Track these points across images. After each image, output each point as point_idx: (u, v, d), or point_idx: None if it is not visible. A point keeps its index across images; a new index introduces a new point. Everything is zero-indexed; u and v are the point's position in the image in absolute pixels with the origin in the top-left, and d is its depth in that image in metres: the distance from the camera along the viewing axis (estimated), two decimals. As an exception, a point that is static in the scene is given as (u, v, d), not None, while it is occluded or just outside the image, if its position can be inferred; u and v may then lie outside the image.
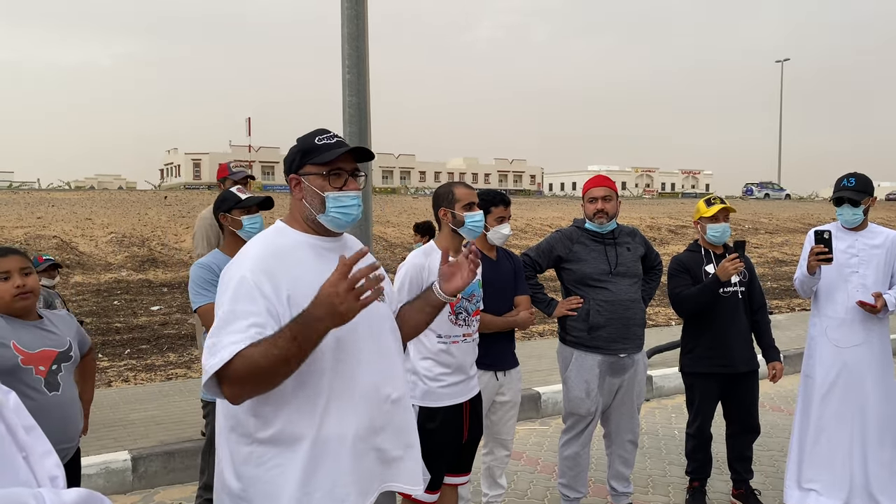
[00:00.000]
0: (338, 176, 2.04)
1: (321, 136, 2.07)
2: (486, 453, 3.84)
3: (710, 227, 4.01)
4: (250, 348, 1.77)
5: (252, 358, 1.75)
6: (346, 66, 6.03)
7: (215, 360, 1.77)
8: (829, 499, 3.99)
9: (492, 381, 3.60)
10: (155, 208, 21.85)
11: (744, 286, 4.05)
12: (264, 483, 1.89)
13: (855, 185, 3.89)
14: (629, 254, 3.84)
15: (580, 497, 3.96)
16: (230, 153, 78.06)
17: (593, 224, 3.81)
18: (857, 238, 3.93)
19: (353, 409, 1.95)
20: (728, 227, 4.02)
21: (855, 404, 3.92)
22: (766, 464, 4.87)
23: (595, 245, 3.80)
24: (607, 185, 3.85)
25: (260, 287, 1.86)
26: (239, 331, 1.80)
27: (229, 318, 1.83)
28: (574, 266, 3.78)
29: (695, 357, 4.07)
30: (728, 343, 3.98)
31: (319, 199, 2.03)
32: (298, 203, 2.07)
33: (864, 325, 3.92)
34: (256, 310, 1.83)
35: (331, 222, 2.04)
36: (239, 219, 3.29)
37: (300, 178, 2.06)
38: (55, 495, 1.06)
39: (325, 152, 2.03)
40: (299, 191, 2.06)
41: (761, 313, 4.17)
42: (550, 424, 5.78)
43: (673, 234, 24.14)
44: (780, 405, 6.25)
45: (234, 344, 1.78)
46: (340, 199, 2.03)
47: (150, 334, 9.15)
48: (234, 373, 1.77)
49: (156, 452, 4.63)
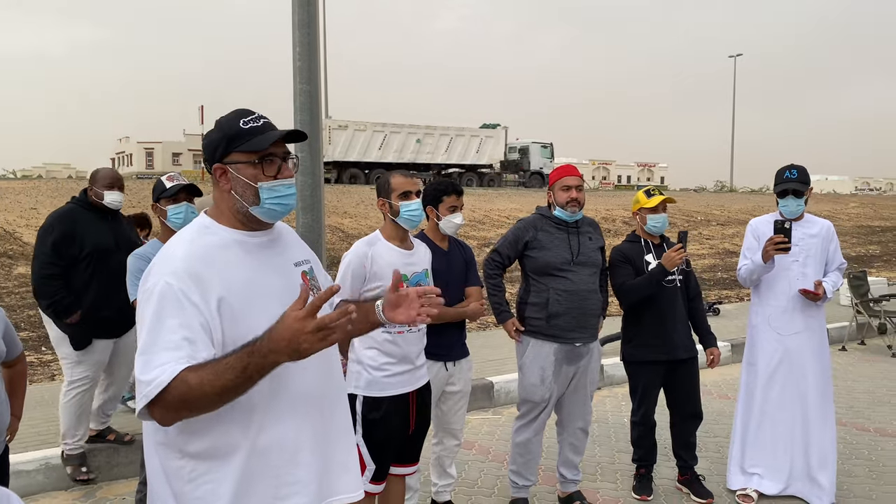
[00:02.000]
0: (271, 163, 1.86)
1: (246, 118, 1.86)
2: (436, 443, 3.83)
3: (650, 218, 4.03)
4: (190, 373, 1.62)
5: (192, 383, 1.60)
6: (297, 53, 5.94)
7: (151, 387, 1.61)
8: (770, 482, 4.10)
9: (441, 372, 3.58)
10: (105, 197, 21.27)
11: (682, 275, 4.11)
12: (196, 499, 1.76)
13: (797, 176, 3.99)
14: (591, 243, 3.86)
15: (529, 485, 3.98)
16: (184, 142, 76.56)
17: (564, 212, 3.78)
18: (797, 228, 4.03)
19: (291, 415, 1.82)
20: (667, 217, 4.05)
21: (796, 390, 4.04)
22: (711, 450, 4.96)
23: (559, 233, 3.79)
24: (578, 174, 3.90)
25: (187, 295, 1.70)
26: (171, 347, 1.65)
27: (157, 331, 1.67)
28: (537, 254, 3.77)
29: (636, 346, 4.11)
30: (668, 331, 4.02)
31: (252, 190, 1.84)
32: (226, 195, 1.87)
33: (805, 313, 4.03)
34: (185, 321, 1.68)
35: (265, 214, 1.87)
36: (165, 208, 3.22)
37: (226, 168, 1.85)
38: None
39: (254, 137, 1.84)
40: (226, 181, 1.86)
41: (697, 301, 4.24)
42: (503, 414, 5.80)
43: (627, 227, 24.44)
44: (727, 393, 6.37)
45: (169, 364, 1.63)
46: (276, 188, 1.85)
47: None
48: (171, 397, 1.62)
49: (99, 447, 4.51)
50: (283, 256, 1.96)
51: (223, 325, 1.73)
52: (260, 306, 1.79)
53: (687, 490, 4.21)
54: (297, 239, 2.10)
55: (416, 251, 3.27)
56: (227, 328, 1.74)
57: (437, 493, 3.87)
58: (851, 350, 8.40)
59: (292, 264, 1.96)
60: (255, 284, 1.82)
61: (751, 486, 4.14)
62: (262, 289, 1.83)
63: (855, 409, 5.98)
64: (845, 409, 5.89)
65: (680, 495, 4.22)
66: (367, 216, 20.03)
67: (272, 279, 1.86)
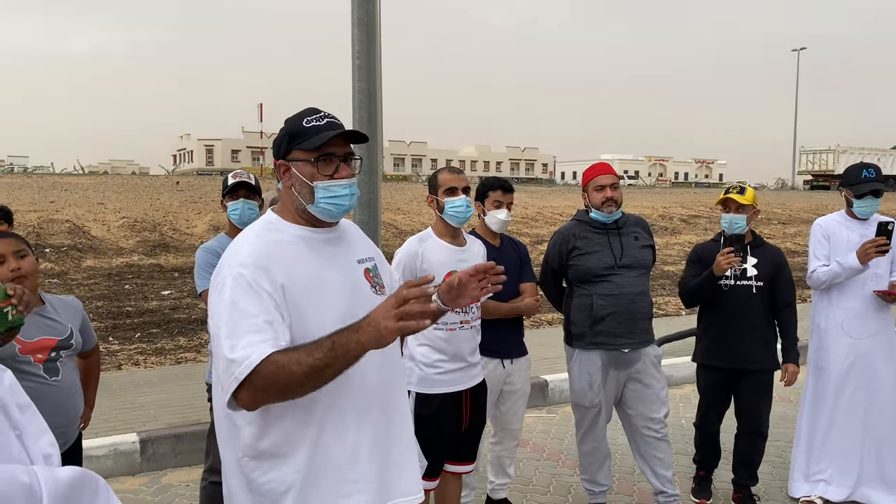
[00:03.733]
0: (328, 162, 1.87)
1: (310, 116, 1.88)
2: (496, 443, 3.82)
3: (722, 217, 3.93)
4: (280, 354, 1.66)
5: (282, 362, 1.64)
6: (356, 51, 6.01)
7: (242, 368, 1.64)
8: (836, 487, 3.98)
9: (498, 369, 3.57)
10: (167, 193, 21.91)
11: (761, 281, 3.83)
12: (261, 496, 1.80)
13: (876, 175, 3.86)
14: (636, 243, 3.69)
15: (604, 489, 3.88)
16: (242, 139, 78.29)
17: (600, 213, 3.66)
18: (866, 228, 3.90)
19: (352, 413, 1.84)
20: (737, 218, 3.82)
21: (868, 394, 3.92)
22: (772, 454, 4.83)
23: (599, 237, 3.66)
24: (612, 171, 3.75)
25: (259, 283, 1.74)
26: (255, 329, 1.68)
27: (238, 315, 1.71)
28: (578, 261, 3.66)
29: (701, 348, 4.03)
30: (733, 338, 3.83)
31: (308, 188, 1.86)
32: (288, 191, 1.91)
33: (879, 315, 3.91)
34: (262, 306, 1.71)
35: (321, 213, 1.89)
36: (227, 204, 3.31)
37: (289, 165, 1.89)
38: (49, 472, 1.05)
39: (313, 136, 1.85)
40: (288, 178, 1.90)
41: (785, 311, 3.92)
42: (557, 412, 5.78)
43: (685, 224, 23.99)
44: (790, 396, 6.20)
45: (256, 345, 1.66)
46: (330, 188, 1.86)
47: (161, 318, 9.20)
48: (260, 378, 1.65)
49: (164, 435, 4.67)
50: (347, 254, 1.98)
51: (290, 314, 1.77)
52: (323, 302, 1.82)
53: None
54: (362, 236, 2.13)
55: (469, 247, 3.26)
56: (292, 319, 1.77)
57: (494, 490, 3.88)
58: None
59: (356, 261, 1.99)
60: (318, 280, 1.84)
61: (815, 493, 4.03)
62: (325, 284, 1.85)
63: (926, 416, 5.74)
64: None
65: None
66: (420, 213, 20.13)
67: (335, 275, 1.89)
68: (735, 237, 3.77)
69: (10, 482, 0.98)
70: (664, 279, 13.60)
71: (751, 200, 3.84)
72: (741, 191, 3.86)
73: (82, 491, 1.09)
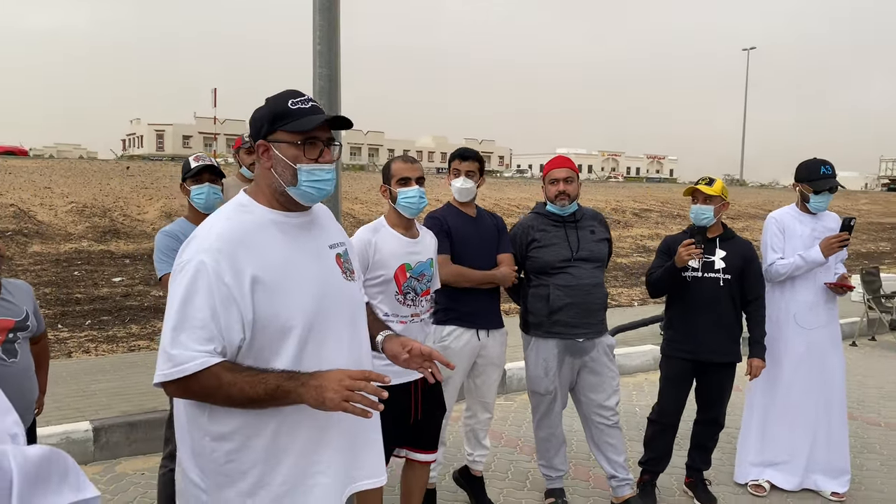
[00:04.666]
0: (313, 146, 1.86)
1: (294, 98, 1.87)
2: (469, 416, 3.82)
3: (690, 208, 3.90)
4: (226, 371, 1.68)
5: (224, 381, 1.68)
6: (318, 36, 5.96)
7: (175, 370, 1.68)
8: (786, 475, 4.13)
9: (473, 340, 3.55)
10: (117, 178, 21.38)
11: (729, 274, 3.82)
12: (223, 475, 1.80)
13: (832, 172, 3.99)
14: (592, 237, 3.75)
15: (561, 475, 3.95)
16: (194, 125, 76.69)
17: (555, 206, 3.72)
18: (818, 222, 4.04)
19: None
20: (704, 209, 3.81)
21: (818, 384, 4.06)
22: (722, 440, 4.96)
23: (557, 230, 3.71)
24: (568, 166, 3.78)
25: (220, 275, 1.72)
26: (202, 326, 1.70)
27: (188, 310, 1.71)
28: (536, 254, 3.70)
29: (667, 338, 4.03)
30: (698, 330, 3.82)
31: (291, 170, 1.85)
32: (266, 172, 1.88)
33: (828, 307, 4.07)
34: (214, 301, 1.71)
35: (301, 196, 1.88)
36: (189, 188, 3.26)
37: (269, 146, 1.87)
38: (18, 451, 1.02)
39: (300, 118, 1.84)
40: (268, 159, 1.87)
41: (754, 305, 3.92)
42: (515, 400, 5.85)
43: (637, 218, 24.43)
44: (738, 384, 6.39)
45: (201, 348, 1.68)
46: (315, 172, 1.86)
47: (112, 305, 9.01)
48: (197, 385, 1.69)
49: (118, 423, 4.58)
50: (319, 239, 1.98)
51: (255, 304, 1.76)
52: (295, 287, 1.82)
53: (691, 494, 4.08)
54: (333, 220, 2.13)
55: (422, 239, 3.21)
56: (259, 307, 1.76)
57: (474, 462, 3.89)
58: (862, 345, 8.41)
59: (327, 247, 1.99)
60: (290, 265, 1.84)
61: (763, 478, 4.17)
62: (298, 270, 1.85)
63: (865, 404, 6.00)
64: (856, 404, 5.90)
65: (685, 499, 4.08)
66: (379, 202, 20.07)
67: (307, 261, 1.89)
68: (697, 229, 3.79)
69: None
70: (617, 271, 13.85)
71: (719, 192, 3.82)
72: (709, 182, 3.86)
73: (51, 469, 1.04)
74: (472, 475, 3.95)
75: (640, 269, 14.25)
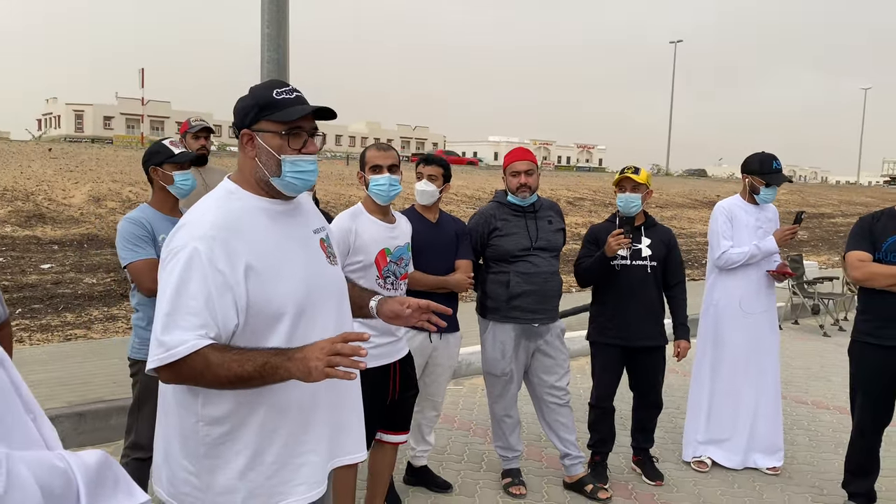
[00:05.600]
0: (297, 136, 1.88)
1: (279, 88, 1.89)
2: (417, 412, 3.91)
3: (618, 197, 4.05)
4: (214, 351, 1.70)
5: (213, 361, 1.69)
6: (266, 20, 5.87)
7: (167, 354, 1.69)
8: (728, 453, 4.37)
9: (425, 343, 3.65)
10: (38, 160, 20.43)
11: (655, 261, 4.00)
12: (212, 458, 1.83)
13: (781, 166, 4.23)
14: (550, 227, 3.88)
15: (517, 455, 4.06)
16: (116, 105, 73.76)
17: (516, 197, 3.84)
18: (761, 213, 4.28)
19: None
20: (632, 197, 3.94)
21: (758, 366, 4.30)
22: (665, 421, 5.21)
23: (516, 219, 3.83)
24: (529, 158, 3.87)
25: (213, 262, 1.74)
26: (194, 313, 1.71)
27: (181, 293, 1.72)
28: (497, 242, 3.81)
29: (595, 326, 4.11)
30: (627, 316, 3.96)
31: (275, 160, 1.87)
32: (250, 161, 1.90)
33: (768, 292, 4.32)
34: (208, 288, 1.73)
35: (285, 187, 1.90)
36: (171, 174, 3.18)
37: (254, 135, 1.88)
38: (76, 457, 1.01)
39: (285, 108, 1.86)
40: (252, 148, 1.89)
41: (677, 289, 4.12)
42: (464, 384, 5.96)
43: (571, 206, 24.92)
44: (677, 368, 6.68)
45: (191, 336, 1.69)
46: (298, 163, 1.88)
47: (43, 293, 8.66)
48: (187, 367, 1.70)
49: (65, 413, 4.46)
50: (304, 225, 2.02)
51: (249, 290, 1.78)
52: (285, 272, 1.86)
53: (640, 471, 4.26)
54: (313, 205, 2.17)
55: (398, 224, 3.32)
56: (252, 293, 1.79)
57: (415, 457, 3.99)
58: (787, 329, 8.89)
59: (311, 232, 2.03)
60: (280, 251, 1.87)
61: (707, 454, 4.40)
62: (287, 255, 1.89)
63: (793, 384, 6.37)
64: (785, 384, 6.23)
65: (634, 476, 4.27)
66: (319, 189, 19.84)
67: (295, 247, 1.93)
68: (625, 219, 3.90)
69: (48, 469, 0.94)
70: (555, 258, 14.09)
71: (645, 180, 3.96)
72: (636, 171, 4.00)
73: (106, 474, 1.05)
74: (416, 468, 4.03)
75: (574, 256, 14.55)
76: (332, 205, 18.31)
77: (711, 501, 3.97)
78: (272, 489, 1.86)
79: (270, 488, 1.86)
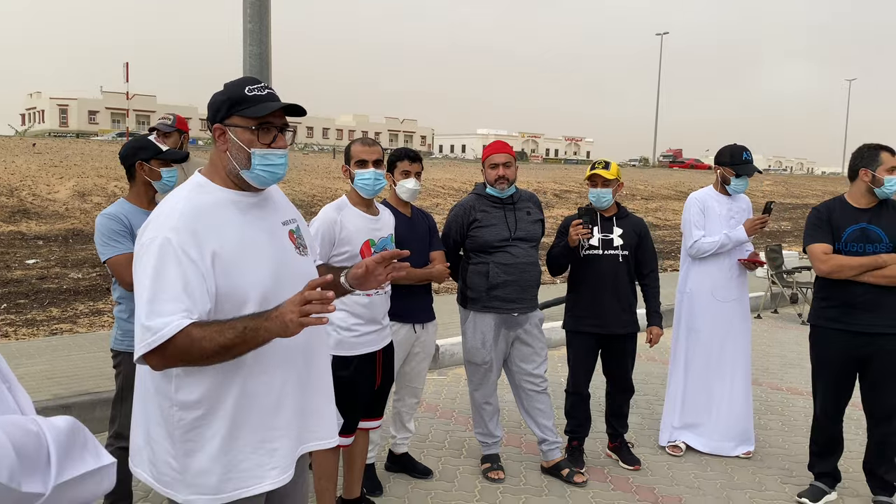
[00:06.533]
0: (267, 131, 1.95)
1: (251, 85, 1.96)
2: (397, 399, 4.01)
3: (590, 192, 4.14)
4: (196, 328, 1.77)
5: (195, 336, 1.76)
6: (248, 15, 5.91)
7: (155, 337, 1.76)
8: (703, 438, 4.48)
9: (409, 334, 3.74)
10: (22, 156, 20.31)
11: (627, 250, 4.09)
12: (187, 442, 1.90)
13: (751, 157, 4.32)
14: (528, 218, 3.97)
15: (496, 441, 4.15)
16: (101, 99, 73.18)
17: (494, 189, 3.94)
18: (732, 203, 4.38)
19: (278, 362, 1.97)
20: (603, 192, 4.04)
21: (730, 353, 4.40)
22: (642, 407, 5.34)
23: (496, 210, 3.92)
24: (507, 151, 3.97)
25: (185, 251, 1.81)
26: (174, 298, 1.78)
27: (160, 281, 1.79)
28: (477, 233, 3.90)
29: (571, 315, 4.19)
30: (602, 304, 4.05)
31: (245, 154, 1.94)
32: (222, 155, 1.98)
33: (740, 281, 4.42)
34: (184, 274, 1.80)
35: (255, 179, 1.97)
36: (158, 170, 3.23)
37: (225, 129, 1.96)
38: (48, 422, 1.07)
39: (256, 104, 1.93)
40: (223, 142, 1.96)
41: (650, 278, 4.21)
42: (447, 374, 6.06)
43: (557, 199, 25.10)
44: (654, 356, 6.81)
45: (174, 317, 1.76)
46: (268, 156, 1.95)
47: (28, 288, 8.68)
48: (173, 348, 1.77)
49: (51, 406, 4.51)
50: (273, 216, 2.09)
51: (216, 278, 1.87)
52: (251, 263, 1.93)
53: (616, 457, 4.35)
54: (285, 198, 2.24)
55: (381, 217, 3.42)
56: (219, 281, 1.87)
57: (396, 444, 4.08)
58: (766, 318, 9.04)
59: (280, 224, 2.10)
60: (246, 242, 1.95)
61: (681, 439, 4.51)
62: (255, 247, 1.96)
63: (769, 371, 6.51)
64: (761, 371, 6.40)
65: (610, 461, 4.36)
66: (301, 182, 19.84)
67: (263, 238, 2.00)
68: (585, 210, 3.98)
69: (23, 431, 1.00)
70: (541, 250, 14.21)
71: (615, 174, 4.04)
72: (606, 166, 4.08)
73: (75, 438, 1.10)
74: (397, 455, 4.12)
75: (561, 248, 14.66)
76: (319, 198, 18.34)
77: (685, 484, 4.09)
78: (247, 472, 1.94)
79: (245, 471, 1.94)
